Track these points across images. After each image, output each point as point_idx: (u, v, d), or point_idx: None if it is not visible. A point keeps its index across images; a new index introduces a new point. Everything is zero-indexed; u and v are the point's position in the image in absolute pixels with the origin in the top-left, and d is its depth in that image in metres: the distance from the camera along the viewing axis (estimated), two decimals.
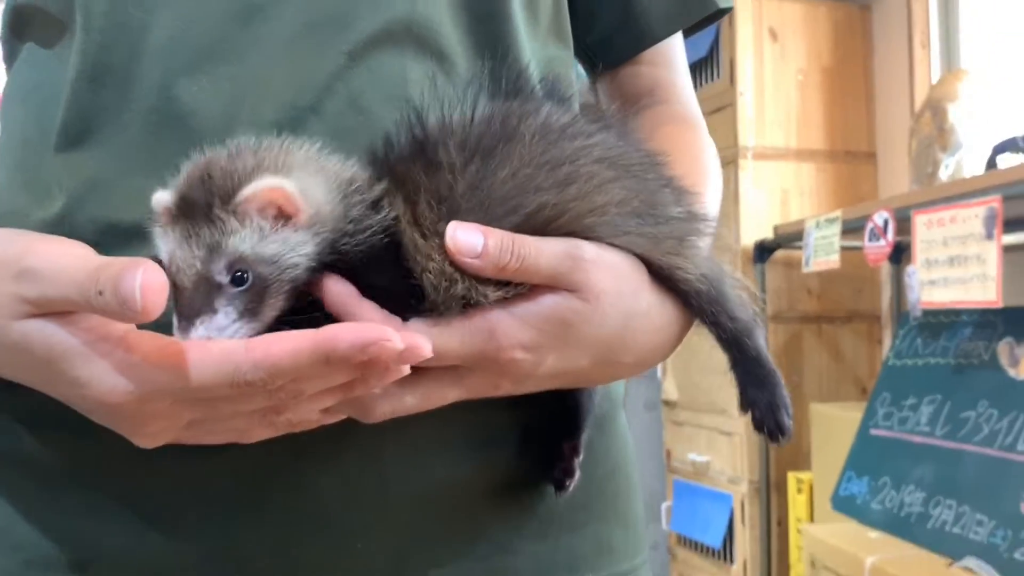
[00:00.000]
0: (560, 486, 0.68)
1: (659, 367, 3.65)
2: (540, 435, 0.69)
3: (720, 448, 3.36)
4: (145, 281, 0.44)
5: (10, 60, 0.70)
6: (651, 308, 0.60)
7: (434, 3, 0.64)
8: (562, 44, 0.75)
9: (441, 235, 0.53)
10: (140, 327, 0.50)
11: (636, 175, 0.60)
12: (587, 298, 0.56)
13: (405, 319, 0.54)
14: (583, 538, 0.71)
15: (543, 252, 0.55)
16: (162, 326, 0.50)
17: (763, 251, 3.15)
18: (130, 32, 0.60)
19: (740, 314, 0.62)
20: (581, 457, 0.69)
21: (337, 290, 0.53)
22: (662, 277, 0.61)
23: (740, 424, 3.22)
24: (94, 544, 0.60)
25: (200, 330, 0.50)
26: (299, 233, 0.53)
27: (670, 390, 3.61)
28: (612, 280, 0.57)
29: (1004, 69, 3.07)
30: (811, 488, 2.96)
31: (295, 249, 0.52)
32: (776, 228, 3.17)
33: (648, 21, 0.81)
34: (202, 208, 0.51)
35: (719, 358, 0.63)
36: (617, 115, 0.66)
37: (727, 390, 2.87)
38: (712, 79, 3.35)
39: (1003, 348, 2.20)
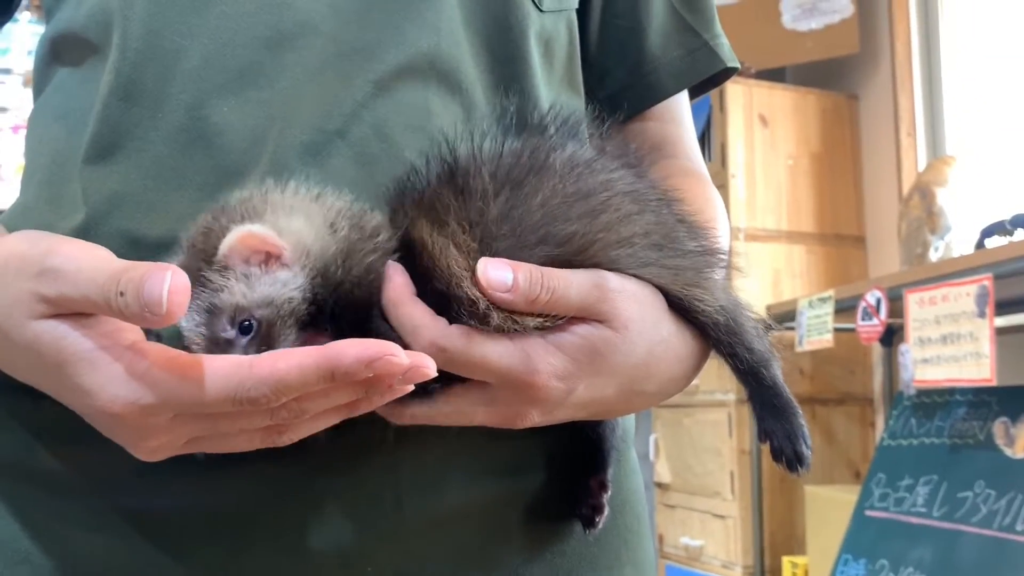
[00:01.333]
0: (590, 523, 0.68)
1: (652, 449, 3.62)
2: (565, 470, 0.69)
3: (714, 532, 3.30)
4: (173, 284, 0.45)
5: (40, 89, 0.72)
6: (671, 337, 0.61)
7: (457, 42, 0.67)
8: (575, 94, 0.78)
9: (473, 259, 0.55)
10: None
11: (655, 210, 0.62)
12: (616, 327, 0.57)
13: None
14: (594, 570, 0.70)
15: (572, 284, 0.56)
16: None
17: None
18: (164, 55, 0.62)
19: (757, 345, 0.62)
20: (610, 493, 0.68)
21: (397, 282, 0.54)
22: (681, 308, 0.61)
23: (734, 507, 3.18)
24: (101, 560, 0.59)
25: None
26: (286, 270, 0.54)
27: (663, 472, 3.57)
28: (637, 309, 0.58)
29: (988, 155, 3.15)
30: (806, 572, 2.91)
31: (286, 285, 0.54)
32: (768, 308, 3.19)
33: (659, 77, 0.84)
34: (194, 275, 0.52)
35: (712, 440, 0.63)
36: (636, 155, 0.68)
37: (721, 473, 2.86)
38: (704, 161, 3.40)
39: (999, 427, 2.20)
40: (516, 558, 0.67)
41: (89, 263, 0.49)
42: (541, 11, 0.72)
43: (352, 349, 0.46)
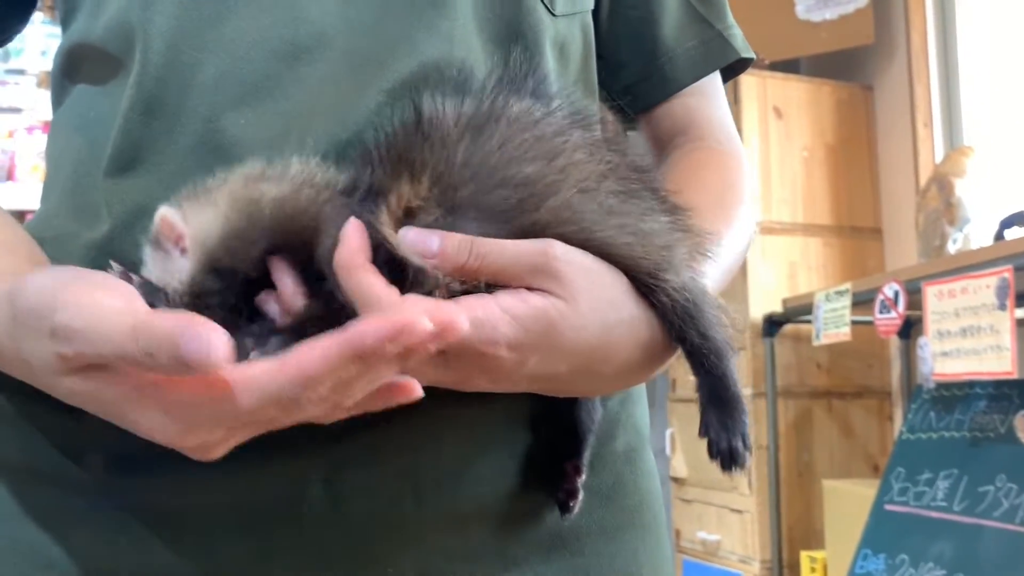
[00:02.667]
0: (564, 508, 0.67)
1: (667, 443, 3.61)
2: (544, 454, 0.68)
3: (731, 526, 3.29)
4: (216, 341, 0.43)
5: (59, 102, 0.72)
6: (634, 320, 0.59)
7: (470, 50, 0.67)
8: (588, 94, 0.77)
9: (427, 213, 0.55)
10: None
11: (620, 174, 0.61)
12: (565, 297, 0.56)
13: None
14: (612, 569, 0.70)
15: (506, 249, 0.55)
16: None
17: (772, 325, 3.15)
18: (183, 69, 0.62)
19: (713, 333, 0.60)
20: (583, 477, 0.67)
21: (350, 245, 0.53)
22: (641, 285, 0.60)
23: (751, 502, 3.17)
24: (124, 562, 0.60)
25: None
26: (184, 258, 0.56)
27: (679, 467, 3.56)
28: (586, 282, 0.57)
29: (1006, 145, 3.12)
30: (825, 567, 2.90)
31: (174, 273, 0.56)
32: (785, 301, 3.18)
33: (673, 68, 0.84)
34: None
35: None
36: (614, 128, 0.67)
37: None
38: None
39: (1020, 421, 2.17)
40: (534, 556, 0.67)
41: (101, 317, 0.47)
42: (554, 16, 0.72)
43: (370, 326, 0.44)
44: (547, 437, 0.68)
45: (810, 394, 3.29)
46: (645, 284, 0.60)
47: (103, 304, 0.48)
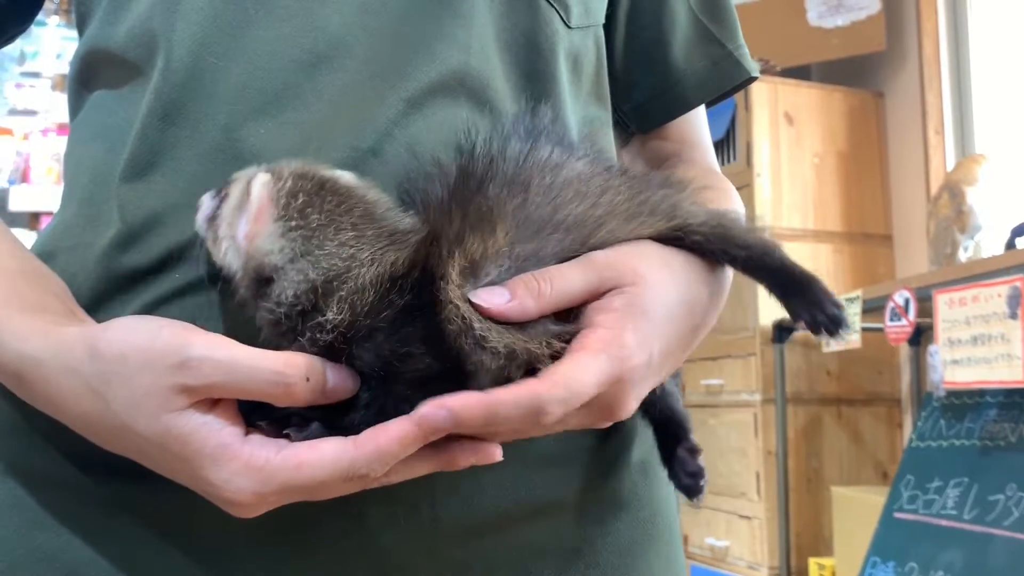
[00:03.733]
0: (695, 490, 0.70)
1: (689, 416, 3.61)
2: (659, 448, 0.72)
3: (739, 533, 3.29)
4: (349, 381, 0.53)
5: (76, 109, 0.72)
6: (686, 264, 0.63)
7: (487, 59, 0.67)
8: (601, 106, 0.78)
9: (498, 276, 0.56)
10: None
11: (617, 177, 0.63)
12: (635, 281, 0.58)
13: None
14: None
15: (564, 271, 0.57)
16: None
17: (782, 331, 3.15)
18: (203, 76, 0.62)
19: (751, 239, 0.63)
20: (702, 454, 0.71)
21: (470, 402, 0.52)
22: (673, 241, 0.63)
23: (760, 508, 3.16)
24: (145, 572, 0.60)
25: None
26: (242, 234, 0.56)
27: None
28: (636, 260, 0.59)
29: (1018, 153, 3.11)
30: (833, 574, 2.89)
31: (231, 241, 0.57)
32: None
33: (684, 88, 0.84)
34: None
35: (737, 440, 0.64)
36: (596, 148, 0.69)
37: (747, 473, 2.85)
38: (729, 160, 3.40)
39: None
40: (550, 568, 0.67)
41: (241, 351, 0.52)
42: (569, 28, 0.72)
43: (442, 411, 0.50)
44: (653, 434, 0.71)
45: (820, 401, 3.29)
46: (673, 237, 0.63)
47: (233, 344, 0.52)
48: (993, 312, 2.09)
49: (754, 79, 0.88)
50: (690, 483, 0.70)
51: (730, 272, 0.67)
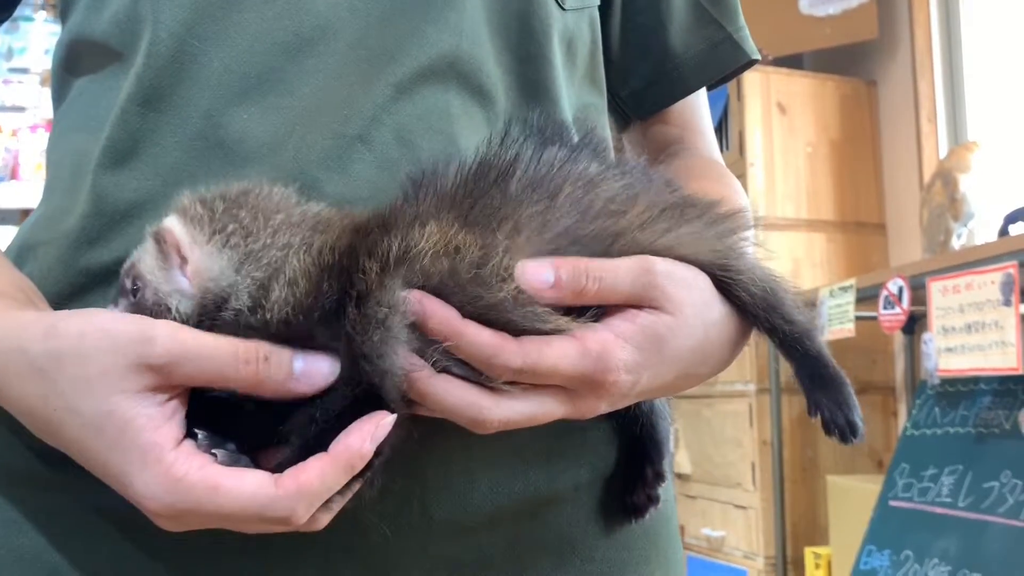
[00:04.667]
0: (639, 511, 0.68)
1: (672, 439, 3.61)
2: (623, 457, 0.69)
3: (735, 523, 3.29)
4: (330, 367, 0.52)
5: (60, 99, 0.71)
6: (724, 318, 0.61)
7: (479, 42, 0.66)
8: (596, 92, 0.77)
9: (511, 260, 0.55)
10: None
11: (662, 194, 0.62)
12: (672, 311, 0.57)
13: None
14: (624, 575, 0.69)
15: (619, 269, 0.56)
16: None
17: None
18: (186, 60, 0.61)
19: (797, 317, 0.62)
20: (666, 483, 0.69)
21: (440, 311, 0.53)
22: (720, 284, 0.61)
23: (756, 498, 3.17)
24: (129, 571, 0.59)
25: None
26: (186, 282, 0.54)
27: (683, 463, 3.56)
28: (687, 291, 0.58)
29: (1010, 141, 3.11)
30: (829, 563, 2.89)
31: (170, 295, 0.55)
32: None
33: (682, 73, 0.83)
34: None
35: (733, 430, 0.63)
36: (639, 163, 0.67)
37: (742, 463, 2.85)
38: (722, 150, 3.35)
39: None
40: (544, 563, 0.66)
41: (204, 334, 0.51)
42: (564, 9, 0.71)
43: (356, 437, 0.50)
44: (626, 444, 0.69)
45: None
46: (719, 280, 0.61)
47: (196, 330, 0.52)
48: (987, 299, 2.09)
49: (755, 61, 0.87)
50: (640, 504, 0.68)
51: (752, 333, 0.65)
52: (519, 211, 0.56)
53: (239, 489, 0.49)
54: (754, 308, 0.61)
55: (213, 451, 0.51)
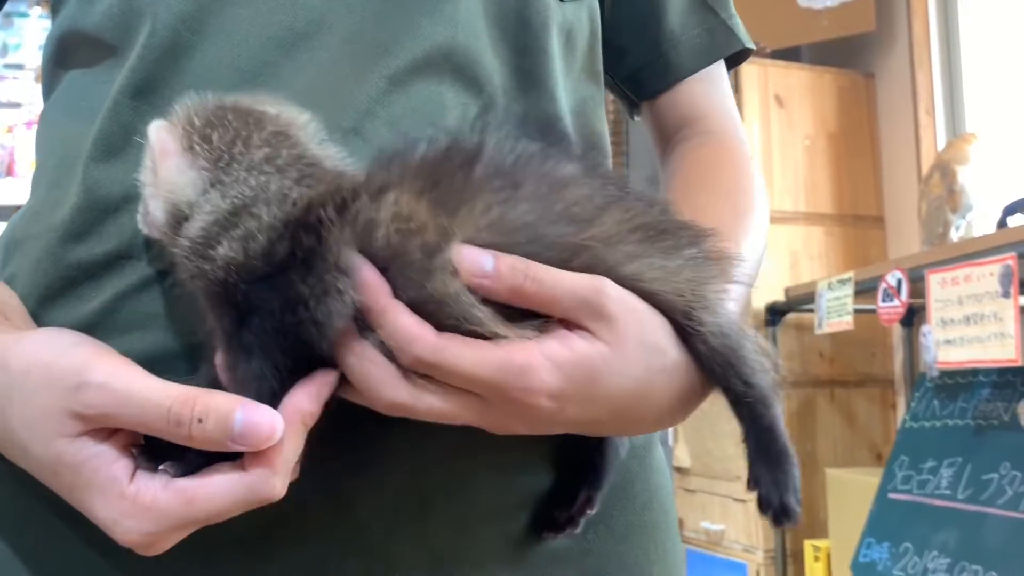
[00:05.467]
0: (555, 527, 0.65)
1: (670, 432, 3.61)
2: (562, 470, 0.66)
3: (735, 516, 3.29)
4: (273, 423, 0.48)
5: (49, 91, 0.71)
6: (676, 368, 0.57)
7: (475, 34, 0.65)
8: (594, 83, 0.76)
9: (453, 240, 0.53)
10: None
11: (644, 212, 0.58)
12: (611, 341, 0.54)
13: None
14: (622, 569, 0.69)
15: (563, 279, 0.53)
16: None
17: (774, 314, 3.14)
18: (179, 53, 0.61)
19: (757, 380, 0.57)
20: (593, 512, 0.65)
21: (374, 282, 0.51)
22: (680, 331, 0.57)
23: (755, 491, 3.16)
24: (126, 571, 0.59)
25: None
26: (159, 176, 0.54)
27: (682, 456, 3.55)
28: (636, 326, 0.55)
29: (1009, 132, 3.10)
30: (829, 556, 2.89)
31: (148, 192, 0.55)
32: (787, 290, 3.17)
33: (678, 55, 0.83)
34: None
35: (731, 424, 0.60)
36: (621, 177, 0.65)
37: (741, 457, 2.85)
38: None
39: (1023, 408, 2.17)
40: (543, 557, 0.65)
41: (139, 382, 0.49)
42: (562, 1, 0.70)
43: (301, 397, 0.50)
44: (568, 461, 0.66)
45: (813, 383, 3.29)
46: (682, 327, 0.57)
47: (138, 374, 0.50)
48: (985, 291, 2.08)
49: (749, 51, 0.86)
50: (560, 522, 0.65)
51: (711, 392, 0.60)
52: (478, 197, 0.53)
53: (213, 490, 0.48)
54: (710, 362, 0.56)
55: (160, 468, 0.50)
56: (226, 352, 0.52)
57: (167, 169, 0.53)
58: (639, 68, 0.83)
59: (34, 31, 3.27)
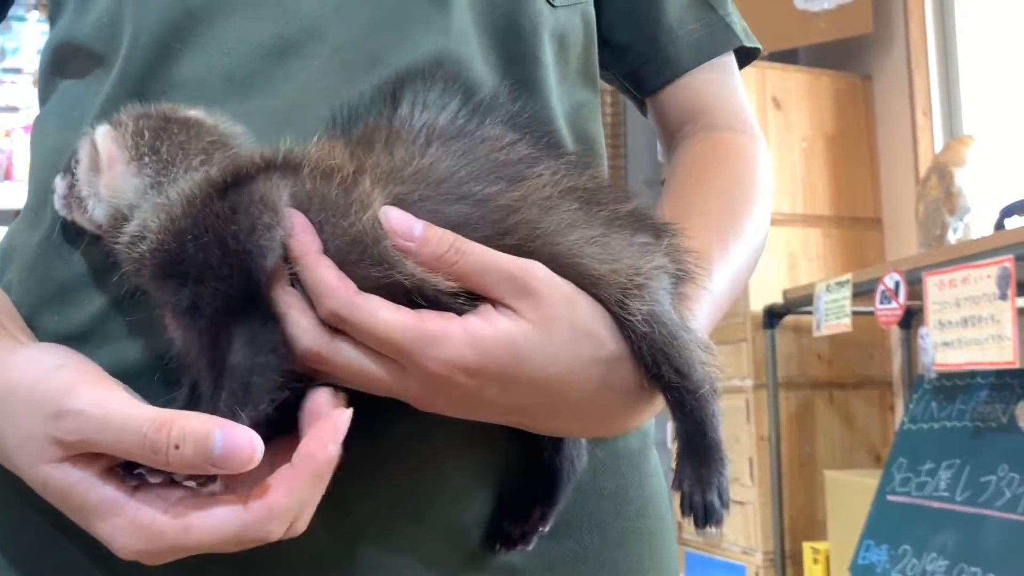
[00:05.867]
0: (506, 542, 0.62)
1: (669, 435, 3.61)
2: (516, 485, 0.64)
3: (734, 518, 3.29)
4: (253, 444, 0.47)
5: (45, 98, 0.71)
6: (613, 360, 0.55)
7: (467, 41, 0.65)
8: (589, 87, 0.76)
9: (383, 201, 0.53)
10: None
11: (595, 199, 0.57)
12: (535, 320, 0.52)
13: None
14: (617, 575, 0.68)
15: (488, 254, 0.52)
16: None
17: (773, 316, 3.14)
18: (167, 63, 0.61)
19: (690, 372, 0.55)
20: (545, 530, 0.63)
21: (303, 236, 0.51)
22: (615, 319, 0.55)
23: (754, 494, 3.17)
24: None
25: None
26: (102, 189, 0.56)
27: None
28: (565, 309, 0.53)
29: (1006, 134, 3.11)
30: (827, 558, 2.89)
31: (90, 195, 0.56)
32: (785, 293, 3.17)
33: (677, 50, 0.82)
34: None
35: (730, 426, 0.58)
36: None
37: (739, 459, 2.85)
38: None
39: (1021, 410, 2.17)
40: (537, 565, 0.65)
41: (117, 409, 0.48)
42: (554, 7, 0.70)
43: (316, 444, 0.49)
44: (526, 473, 0.63)
45: (811, 385, 3.29)
46: (616, 315, 0.54)
47: (118, 399, 0.49)
48: (983, 293, 2.09)
49: (756, 52, 0.86)
50: (511, 536, 0.62)
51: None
52: (397, 143, 0.54)
53: (210, 524, 0.48)
54: (639, 350, 0.54)
55: (135, 472, 0.50)
56: (199, 349, 0.52)
57: (113, 176, 0.55)
58: (638, 65, 0.83)
59: (32, 35, 3.28)
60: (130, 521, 0.48)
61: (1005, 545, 2.04)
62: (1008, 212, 2.52)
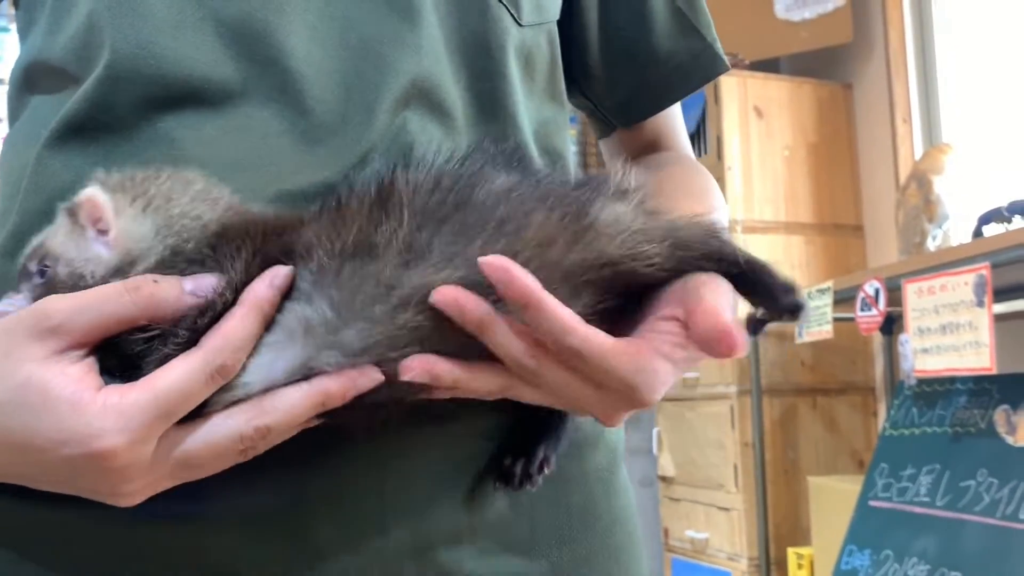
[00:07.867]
0: (509, 480, 0.64)
1: (655, 443, 3.62)
2: (524, 429, 0.65)
3: (719, 524, 3.31)
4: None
5: (15, 116, 0.71)
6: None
7: (437, 61, 0.66)
8: (557, 106, 0.77)
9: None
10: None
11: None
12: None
13: None
14: None
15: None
16: None
17: (756, 324, 3.15)
18: (139, 81, 0.61)
19: (721, 249, 0.60)
20: (548, 471, 0.65)
21: (528, 282, 0.52)
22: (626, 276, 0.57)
23: (738, 500, 3.18)
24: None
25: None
26: (105, 249, 0.56)
27: (666, 466, 3.57)
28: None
29: (984, 142, 3.14)
30: (811, 563, 2.91)
31: (90, 261, 0.56)
32: None
33: (668, 81, 0.84)
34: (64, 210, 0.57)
35: (715, 432, 0.61)
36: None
37: (724, 465, 2.86)
38: (700, 154, 3.41)
39: (1000, 415, 2.19)
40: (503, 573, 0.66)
41: (89, 290, 0.52)
42: (521, 26, 0.71)
43: (259, 284, 0.53)
44: (527, 421, 0.65)
45: (795, 391, 3.31)
46: (645, 273, 0.58)
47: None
48: (961, 300, 2.11)
49: (724, 69, 0.88)
50: (513, 474, 0.64)
51: None
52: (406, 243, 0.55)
53: (172, 371, 0.50)
54: (677, 270, 0.59)
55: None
56: None
57: (124, 225, 0.56)
58: (629, 98, 0.85)
59: (14, 47, 3.26)
60: (102, 405, 0.50)
61: (984, 549, 2.06)
62: (986, 219, 2.55)
